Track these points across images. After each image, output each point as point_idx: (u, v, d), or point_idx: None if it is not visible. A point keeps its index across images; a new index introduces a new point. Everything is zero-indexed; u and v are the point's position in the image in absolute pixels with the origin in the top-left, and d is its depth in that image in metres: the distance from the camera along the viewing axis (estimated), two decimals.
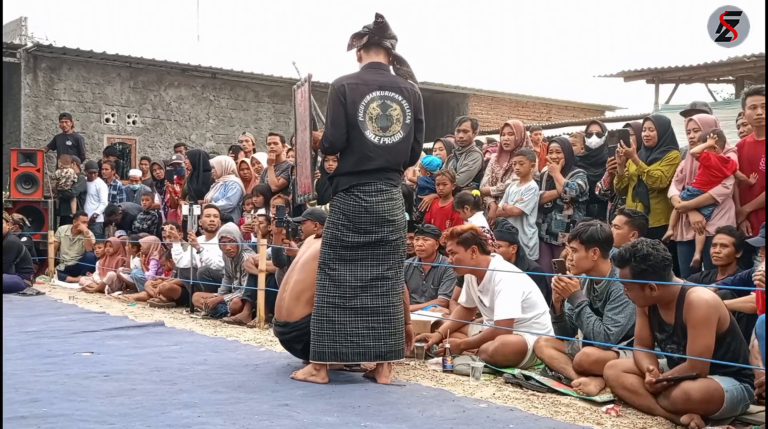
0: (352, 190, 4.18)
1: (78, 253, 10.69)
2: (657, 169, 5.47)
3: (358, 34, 4.28)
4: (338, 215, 4.21)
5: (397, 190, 4.28)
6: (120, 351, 5.12)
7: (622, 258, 3.72)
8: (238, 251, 7.18)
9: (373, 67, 4.27)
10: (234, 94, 16.02)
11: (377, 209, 4.15)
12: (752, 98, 5.07)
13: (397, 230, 4.23)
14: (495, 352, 4.56)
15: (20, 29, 15.98)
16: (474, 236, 4.87)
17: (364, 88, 4.18)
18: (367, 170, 4.17)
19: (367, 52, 4.30)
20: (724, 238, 4.78)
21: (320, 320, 4.17)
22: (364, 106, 4.16)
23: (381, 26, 4.24)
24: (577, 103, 20.21)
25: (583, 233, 4.29)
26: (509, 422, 3.43)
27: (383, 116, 4.18)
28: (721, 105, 10.34)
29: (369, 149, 4.16)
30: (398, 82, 4.28)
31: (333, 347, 4.14)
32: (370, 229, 4.16)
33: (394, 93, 4.23)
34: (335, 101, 4.17)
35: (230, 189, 8.48)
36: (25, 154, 11.13)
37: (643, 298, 3.69)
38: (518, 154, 6.39)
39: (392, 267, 4.23)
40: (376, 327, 4.16)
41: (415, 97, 4.31)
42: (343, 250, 4.18)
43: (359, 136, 4.16)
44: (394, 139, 4.21)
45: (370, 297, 4.17)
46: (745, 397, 3.56)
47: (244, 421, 3.34)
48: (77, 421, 3.28)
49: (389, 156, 4.21)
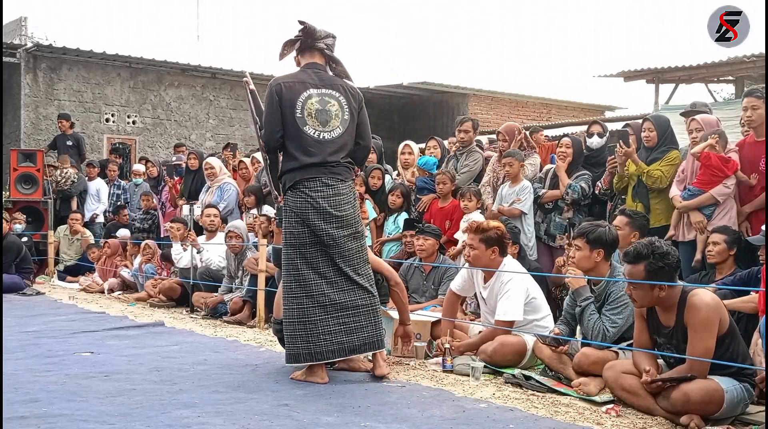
0: (298, 186, 4.24)
1: (77, 253, 10.69)
2: (657, 169, 5.47)
3: (290, 41, 4.40)
4: (290, 214, 4.27)
5: (345, 185, 4.30)
6: (120, 351, 5.12)
7: (638, 254, 3.61)
8: (242, 249, 7.19)
9: (309, 67, 4.38)
10: (234, 94, 16.02)
11: (322, 204, 4.19)
12: (745, 100, 5.15)
13: (346, 226, 4.24)
14: (494, 353, 4.56)
15: (20, 29, 15.99)
16: (499, 237, 4.79)
17: (300, 86, 4.28)
18: (310, 165, 4.22)
19: (303, 55, 4.43)
20: (715, 237, 4.82)
21: (291, 322, 4.19)
22: (301, 102, 4.25)
23: (307, 31, 4.36)
24: (577, 103, 20.21)
25: (591, 233, 4.25)
26: (509, 422, 3.43)
27: (322, 111, 4.27)
28: (721, 105, 10.32)
29: (309, 144, 4.23)
30: (335, 80, 4.38)
31: (307, 348, 4.15)
32: (318, 225, 4.19)
33: (331, 90, 4.32)
34: (269, 101, 4.31)
35: (226, 191, 8.50)
36: (25, 154, 11.13)
37: (650, 298, 3.64)
38: (506, 156, 6.37)
39: (347, 262, 4.22)
40: (347, 321, 4.18)
41: (353, 94, 4.39)
42: (302, 248, 4.21)
43: (298, 132, 4.24)
44: (333, 133, 4.28)
45: (336, 292, 4.19)
46: (744, 397, 3.56)
47: (244, 421, 3.34)
48: (77, 421, 3.28)
49: (329, 150, 4.26)
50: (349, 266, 4.23)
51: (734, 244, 4.77)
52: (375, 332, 4.25)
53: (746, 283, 4.37)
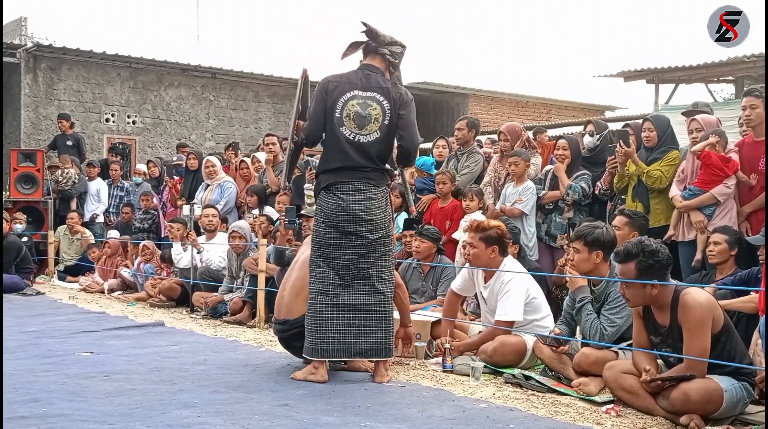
0: (331, 188, 4.26)
1: (77, 252, 10.68)
2: (657, 170, 5.47)
3: (355, 42, 4.36)
4: (319, 213, 4.32)
5: (378, 190, 4.30)
6: (120, 351, 5.12)
7: (628, 253, 3.66)
8: (245, 249, 7.19)
9: (363, 68, 4.37)
10: (234, 94, 16.02)
11: (353, 208, 4.21)
12: (744, 99, 5.15)
13: (376, 229, 4.25)
14: (494, 352, 4.56)
15: (20, 29, 15.99)
16: (499, 236, 4.79)
17: (346, 86, 4.27)
18: (344, 168, 4.23)
19: (365, 58, 4.41)
20: (717, 236, 4.82)
21: (309, 316, 4.23)
22: (342, 103, 4.25)
23: (370, 34, 4.32)
24: (577, 103, 20.20)
25: (588, 235, 4.25)
26: (509, 422, 3.43)
27: (361, 115, 4.24)
28: (722, 105, 10.32)
29: (342, 145, 4.23)
30: (383, 83, 4.32)
31: (314, 343, 4.18)
32: (346, 227, 4.21)
33: (376, 93, 4.29)
34: (317, 96, 4.32)
35: (227, 190, 8.50)
36: (25, 154, 11.13)
37: (642, 296, 3.66)
38: (512, 155, 6.37)
39: (373, 265, 4.24)
40: (357, 324, 4.20)
41: (399, 98, 4.32)
42: (325, 248, 4.25)
43: (335, 132, 4.25)
44: (369, 137, 4.26)
45: (351, 294, 4.22)
46: (744, 396, 3.56)
47: (244, 421, 3.34)
48: (77, 421, 3.28)
49: (364, 154, 4.25)
50: (376, 269, 4.25)
51: (735, 244, 4.77)
52: (385, 339, 4.25)
53: (746, 283, 4.37)
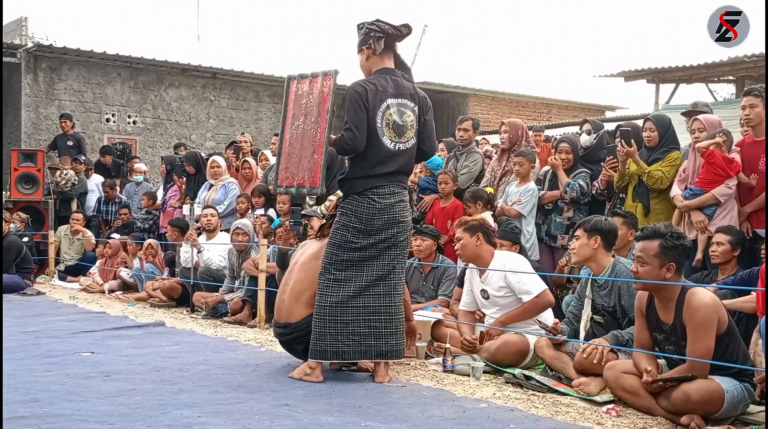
0: (366, 192, 4.22)
1: (78, 252, 10.68)
2: (657, 170, 5.46)
3: (377, 36, 4.25)
4: (350, 217, 4.23)
5: (406, 192, 4.38)
6: (120, 351, 5.12)
7: (656, 231, 3.70)
8: (247, 247, 7.18)
9: (386, 73, 4.30)
10: (234, 94, 16.03)
11: (390, 211, 4.21)
12: (744, 99, 5.16)
13: (405, 231, 4.32)
14: (497, 351, 4.57)
15: (20, 29, 15.97)
16: (481, 225, 4.96)
17: (382, 94, 4.21)
18: (383, 174, 4.23)
19: (381, 56, 4.31)
20: (720, 237, 4.82)
21: (323, 319, 4.19)
22: (382, 112, 4.20)
23: (405, 36, 4.30)
24: (578, 103, 20.21)
25: (587, 222, 4.44)
26: (509, 422, 3.43)
27: (399, 123, 4.23)
28: (722, 105, 10.32)
29: (385, 155, 4.21)
30: (410, 88, 4.34)
31: (335, 346, 4.16)
32: (380, 230, 4.21)
33: (406, 100, 4.29)
34: (357, 105, 4.15)
35: (230, 190, 8.49)
36: (25, 154, 11.12)
37: (655, 275, 3.65)
38: (518, 155, 6.36)
39: (396, 267, 4.27)
40: (378, 326, 4.19)
41: (423, 103, 4.38)
42: (351, 252, 4.22)
43: (376, 142, 4.20)
44: (407, 145, 4.29)
45: (372, 296, 4.21)
46: (745, 397, 3.56)
47: (244, 421, 3.34)
48: (77, 421, 3.28)
49: (403, 161, 4.29)
50: (395, 271, 4.26)
51: (738, 244, 4.77)
52: (401, 340, 4.28)
53: (747, 283, 4.37)
